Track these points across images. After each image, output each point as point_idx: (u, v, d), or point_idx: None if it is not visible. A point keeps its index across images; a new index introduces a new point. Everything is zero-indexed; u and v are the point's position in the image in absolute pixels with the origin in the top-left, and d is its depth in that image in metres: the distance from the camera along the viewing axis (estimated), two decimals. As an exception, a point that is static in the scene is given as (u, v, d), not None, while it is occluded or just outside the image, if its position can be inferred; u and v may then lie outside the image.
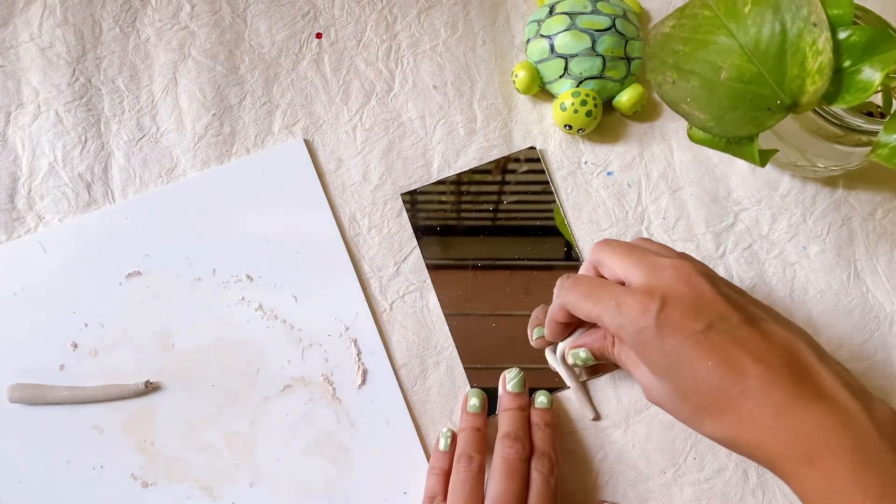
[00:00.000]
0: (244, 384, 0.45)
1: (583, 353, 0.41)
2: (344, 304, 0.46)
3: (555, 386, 0.45)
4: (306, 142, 0.49)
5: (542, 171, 0.49)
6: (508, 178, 0.49)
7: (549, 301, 0.42)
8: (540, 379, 0.45)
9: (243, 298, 0.46)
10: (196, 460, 0.43)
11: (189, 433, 0.44)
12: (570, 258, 0.47)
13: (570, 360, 0.41)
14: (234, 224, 0.47)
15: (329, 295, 0.46)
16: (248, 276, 0.46)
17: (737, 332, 0.33)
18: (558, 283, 0.40)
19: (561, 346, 0.43)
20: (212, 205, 0.47)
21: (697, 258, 0.47)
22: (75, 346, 0.45)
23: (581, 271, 0.41)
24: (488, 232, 0.48)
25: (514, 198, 0.48)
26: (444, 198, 0.48)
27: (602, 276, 0.39)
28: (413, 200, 0.48)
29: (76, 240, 0.46)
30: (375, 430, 0.44)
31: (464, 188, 0.48)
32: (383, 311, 0.46)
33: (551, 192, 0.48)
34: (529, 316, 0.45)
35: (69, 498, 0.43)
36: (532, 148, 0.49)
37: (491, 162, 0.49)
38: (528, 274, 0.47)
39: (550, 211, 0.48)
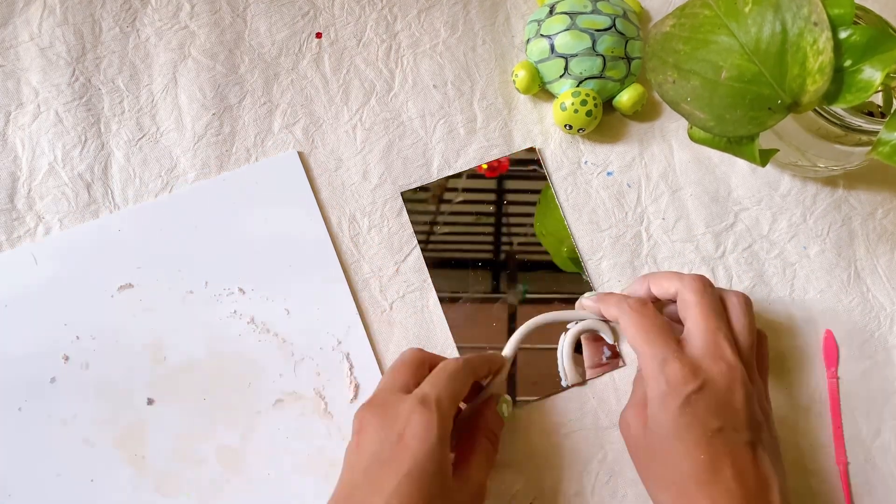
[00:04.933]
0: (236, 398, 0.44)
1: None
2: (336, 317, 0.46)
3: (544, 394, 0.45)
4: (300, 154, 0.48)
5: (544, 177, 0.49)
6: (506, 181, 0.49)
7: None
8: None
9: (235, 311, 0.46)
10: (187, 474, 0.43)
11: (180, 447, 0.43)
12: (572, 257, 0.47)
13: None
14: (226, 237, 0.47)
15: (321, 308, 0.46)
16: (241, 289, 0.46)
17: (738, 447, 0.36)
18: (624, 296, 0.42)
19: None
20: (204, 217, 0.47)
21: (697, 258, 0.47)
22: (66, 358, 0.44)
23: (661, 280, 0.41)
24: (487, 234, 0.48)
25: (513, 198, 0.48)
26: (444, 195, 0.48)
27: (672, 301, 0.41)
28: (412, 199, 0.48)
29: (68, 251, 0.46)
30: None
31: (461, 188, 0.48)
32: (383, 311, 0.46)
33: (548, 194, 0.48)
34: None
35: None
36: (531, 149, 0.49)
37: (487, 163, 0.49)
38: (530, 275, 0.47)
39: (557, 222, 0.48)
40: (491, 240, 0.48)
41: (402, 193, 0.48)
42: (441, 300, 0.46)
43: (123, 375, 0.44)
